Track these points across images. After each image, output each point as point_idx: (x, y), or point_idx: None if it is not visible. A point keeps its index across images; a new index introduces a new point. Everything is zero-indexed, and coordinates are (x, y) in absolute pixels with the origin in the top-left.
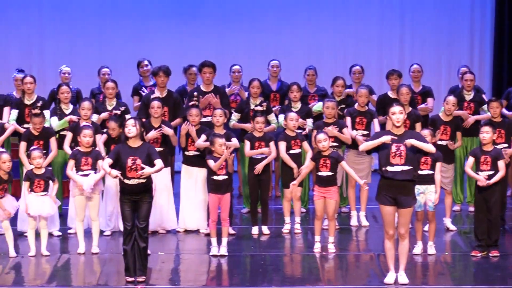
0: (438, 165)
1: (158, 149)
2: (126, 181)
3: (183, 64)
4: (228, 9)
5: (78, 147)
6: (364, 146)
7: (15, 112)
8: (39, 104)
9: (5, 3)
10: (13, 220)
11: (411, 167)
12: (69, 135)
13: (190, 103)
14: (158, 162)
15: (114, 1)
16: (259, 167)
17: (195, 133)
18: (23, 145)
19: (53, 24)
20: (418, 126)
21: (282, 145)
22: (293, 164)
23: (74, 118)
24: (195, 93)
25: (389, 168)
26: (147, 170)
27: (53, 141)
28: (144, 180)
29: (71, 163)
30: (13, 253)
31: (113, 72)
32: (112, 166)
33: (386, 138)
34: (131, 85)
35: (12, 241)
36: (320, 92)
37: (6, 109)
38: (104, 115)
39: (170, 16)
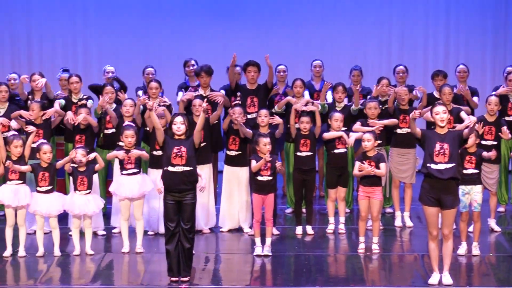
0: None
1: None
2: (170, 168)
3: (227, 64)
4: (271, 8)
5: (122, 144)
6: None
7: (62, 102)
8: (85, 96)
9: (50, 3)
10: (61, 219)
11: (454, 164)
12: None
13: (234, 102)
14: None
15: (159, 1)
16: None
17: (245, 128)
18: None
19: (98, 24)
20: (462, 114)
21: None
22: None
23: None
24: (239, 93)
25: (433, 166)
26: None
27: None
28: (188, 169)
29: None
30: (58, 252)
31: (158, 71)
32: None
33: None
34: (176, 84)
35: (58, 240)
36: (365, 92)
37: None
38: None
39: (215, 15)
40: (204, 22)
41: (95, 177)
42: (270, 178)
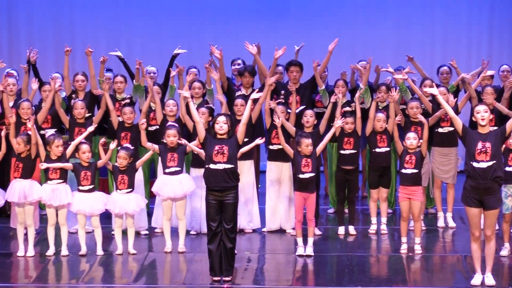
0: None
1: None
2: (211, 165)
3: (269, 64)
4: (315, 8)
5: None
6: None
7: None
8: (128, 96)
9: (94, 3)
10: (103, 219)
11: (495, 161)
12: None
13: (277, 101)
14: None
15: (202, 1)
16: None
17: (288, 124)
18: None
19: (141, 24)
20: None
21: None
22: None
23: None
24: (283, 92)
25: (475, 164)
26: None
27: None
28: (230, 166)
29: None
30: (100, 251)
31: (202, 71)
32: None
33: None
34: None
35: (101, 239)
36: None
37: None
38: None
39: (258, 15)
40: (247, 23)
41: (140, 176)
42: (312, 174)
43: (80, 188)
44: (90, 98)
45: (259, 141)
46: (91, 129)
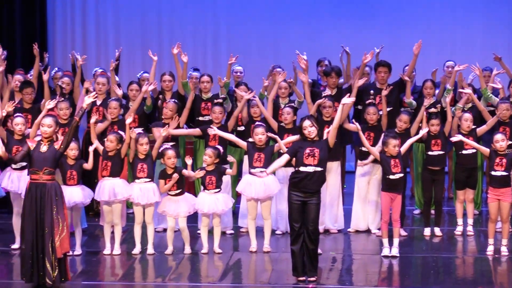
0: None
1: None
2: (302, 168)
3: (357, 64)
4: (400, 9)
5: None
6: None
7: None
8: (222, 97)
9: (180, 3)
10: (189, 217)
11: None
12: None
13: (367, 101)
14: None
15: (288, 1)
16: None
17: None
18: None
19: (227, 25)
20: None
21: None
22: None
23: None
24: (372, 91)
25: None
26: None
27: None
28: (320, 169)
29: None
30: (188, 250)
31: (288, 70)
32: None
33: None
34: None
35: (188, 238)
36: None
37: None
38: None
39: (342, 16)
40: (330, 23)
41: (227, 177)
42: (401, 175)
43: (168, 192)
44: (178, 98)
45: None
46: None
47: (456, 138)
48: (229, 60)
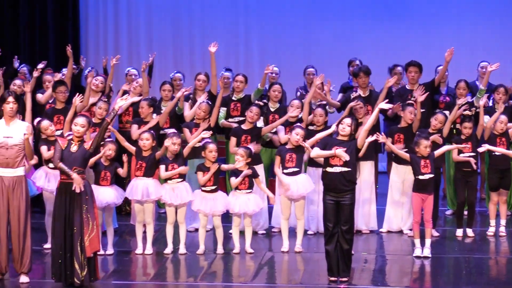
0: None
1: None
2: (328, 169)
3: (389, 64)
4: (433, 9)
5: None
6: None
7: (223, 111)
8: (264, 101)
9: (212, 2)
10: (221, 218)
11: None
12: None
13: (407, 102)
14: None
15: (320, 2)
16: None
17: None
18: (233, 141)
19: (259, 24)
20: None
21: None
22: None
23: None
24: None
25: None
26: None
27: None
28: (347, 169)
29: (277, 160)
30: (221, 249)
31: (320, 71)
32: None
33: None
34: (339, 84)
35: (222, 238)
36: None
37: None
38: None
39: (376, 16)
40: (365, 23)
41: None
42: (431, 175)
43: (203, 188)
44: (210, 98)
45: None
46: (206, 135)
47: (483, 148)
48: (266, 69)
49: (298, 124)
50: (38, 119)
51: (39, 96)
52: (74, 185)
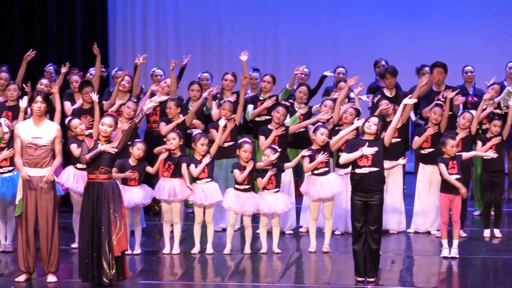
0: None
1: (394, 140)
2: (357, 170)
3: (416, 64)
4: (460, 9)
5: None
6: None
7: (250, 107)
8: (290, 101)
9: (241, 3)
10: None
11: None
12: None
13: (436, 102)
14: None
15: (347, 2)
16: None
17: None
18: (262, 139)
19: (287, 25)
20: None
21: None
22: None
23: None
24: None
25: None
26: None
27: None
28: (375, 169)
29: (305, 161)
30: (248, 249)
31: (348, 71)
32: None
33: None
34: (366, 85)
35: (250, 238)
36: None
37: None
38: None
39: (402, 16)
40: (392, 24)
41: (289, 177)
42: (458, 176)
43: (236, 186)
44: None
45: (401, 161)
46: (223, 135)
47: None
48: (296, 70)
49: (320, 123)
50: (69, 118)
51: (67, 107)
52: (108, 147)
